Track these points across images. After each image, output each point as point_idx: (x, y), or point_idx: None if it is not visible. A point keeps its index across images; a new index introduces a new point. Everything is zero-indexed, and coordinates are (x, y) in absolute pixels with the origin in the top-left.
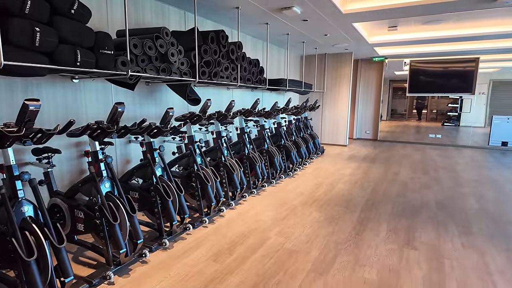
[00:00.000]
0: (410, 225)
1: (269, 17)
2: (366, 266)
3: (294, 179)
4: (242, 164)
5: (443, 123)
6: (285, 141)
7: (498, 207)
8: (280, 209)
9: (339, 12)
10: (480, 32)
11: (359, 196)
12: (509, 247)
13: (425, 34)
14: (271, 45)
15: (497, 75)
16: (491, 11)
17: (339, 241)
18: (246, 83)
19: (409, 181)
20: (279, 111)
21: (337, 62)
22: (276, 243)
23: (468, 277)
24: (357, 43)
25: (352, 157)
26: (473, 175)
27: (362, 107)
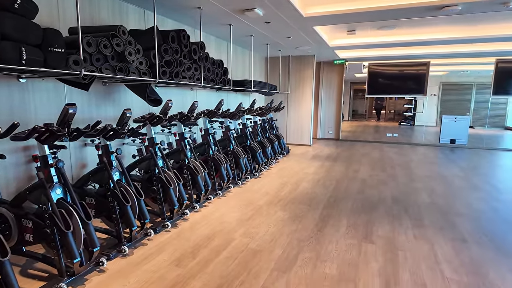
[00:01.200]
0: (368, 220)
1: (232, 18)
2: (327, 262)
3: (260, 179)
4: (207, 165)
5: (400, 123)
6: (251, 142)
7: (447, 201)
8: (245, 210)
9: (300, 15)
10: (430, 38)
11: (322, 194)
12: (456, 237)
13: (381, 38)
14: (236, 46)
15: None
16: (439, 18)
17: (302, 238)
18: (210, 83)
19: (368, 178)
20: (244, 112)
21: (301, 64)
22: (241, 244)
23: (419, 266)
24: (318, 46)
25: (315, 157)
26: (425, 171)
27: (325, 108)
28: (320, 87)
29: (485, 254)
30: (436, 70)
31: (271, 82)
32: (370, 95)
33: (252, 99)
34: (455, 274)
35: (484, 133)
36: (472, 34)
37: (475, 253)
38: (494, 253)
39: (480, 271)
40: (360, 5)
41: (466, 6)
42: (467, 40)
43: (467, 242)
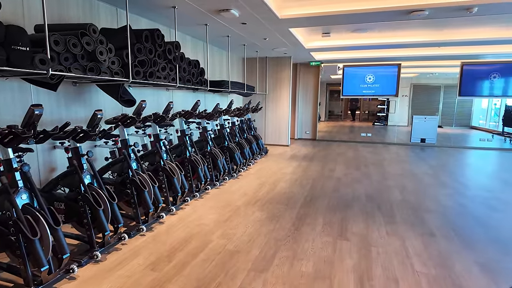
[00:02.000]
0: (343, 218)
1: (207, 18)
2: (304, 260)
3: (238, 180)
4: (184, 167)
5: (374, 123)
6: (229, 143)
7: (417, 198)
8: (223, 211)
9: (276, 17)
10: (401, 41)
11: (299, 193)
12: (425, 232)
13: (355, 41)
14: (212, 46)
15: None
16: (408, 22)
17: (279, 237)
18: (186, 84)
19: (343, 177)
20: (221, 112)
21: (278, 66)
22: (218, 245)
23: (391, 261)
24: (295, 47)
25: (293, 157)
26: (397, 170)
27: (302, 109)
28: (297, 88)
29: (452, 248)
30: (407, 72)
31: (249, 83)
32: (345, 96)
33: (230, 100)
34: (424, 267)
35: (451, 132)
36: (439, 38)
37: (443, 246)
38: (460, 246)
39: (447, 263)
40: (333, 8)
41: (432, 11)
42: (435, 44)
43: (436, 236)
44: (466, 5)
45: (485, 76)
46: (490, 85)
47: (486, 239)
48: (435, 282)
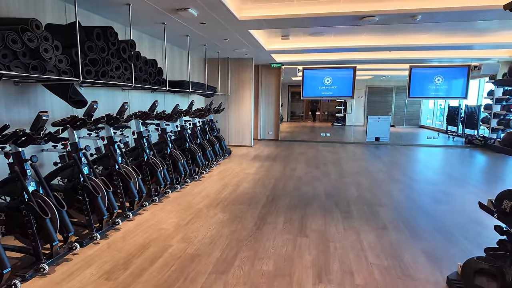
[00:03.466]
0: (303, 215)
1: (165, 17)
2: (264, 259)
3: (200, 182)
4: (141, 171)
5: (333, 123)
6: (190, 144)
7: (372, 193)
8: (184, 214)
9: (235, 18)
10: (355, 45)
11: (261, 193)
12: (378, 226)
13: (312, 44)
14: (172, 46)
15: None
16: (362, 27)
17: (241, 238)
18: (143, 84)
19: (303, 175)
20: (182, 113)
21: (239, 67)
22: (178, 249)
23: (347, 255)
24: (255, 49)
25: (256, 157)
26: (354, 167)
27: (265, 110)
28: (259, 90)
29: (402, 239)
30: (362, 75)
31: (211, 83)
32: (305, 97)
33: (190, 101)
34: (377, 259)
35: (402, 131)
36: (389, 43)
37: (394, 238)
38: (409, 237)
39: (397, 254)
40: (291, 12)
41: (382, 17)
42: (386, 48)
43: (388, 229)
44: (411, 12)
45: (431, 79)
46: (435, 87)
47: (431, 229)
48: (387, 272)
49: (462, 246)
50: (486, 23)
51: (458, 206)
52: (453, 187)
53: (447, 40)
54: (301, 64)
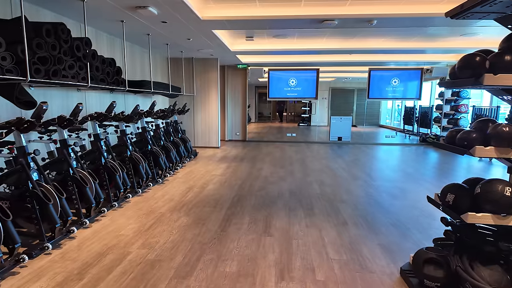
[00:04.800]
0: (268, 214)
1: (123, 14)
2: (228, 260)
3: (163, 186)
4: (99, 175)
5: (299, 124)
6: (152, 147)
7: (333, 190)
8: (145, 219)
9: (198, 18)
10: (317, 48)
11: (227, 195)
12: (339, 222)
13: (276, 46)
14: (133, 44)
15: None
16: (323, 31)
17: (204, 241)
18: (100, 84)
19: (269, 175)
20: (143, 114)
21: (205, 67)
22: (138, 256)
23: (309, 252)
24: (220, 50)
25: (223, 158)
26: (317, 166)
27: (232, 111)
28: (226, 90)
29: (361, 234)
30: (325, 77)
31: (175, 84)
32: (271, 98)
33: (153, 101)
34: (337, 254)
35: (363, 131)
36: (350, 46)
37: (353, 233)
38: (367, 231)
39: (356, 248)
40: (253, 13)
41: (341, 21)
42: (346, 51)
43: (348, 225)
44: (367, 17)
45: (388, 80)
46: (392, 88)
47: (388, 224)
48: (346, 266)
49: (415, 238)
50: (436, 29)
51: (412, 201)
52: (408, 183)
53: (402, 44)
54: (267, 66)
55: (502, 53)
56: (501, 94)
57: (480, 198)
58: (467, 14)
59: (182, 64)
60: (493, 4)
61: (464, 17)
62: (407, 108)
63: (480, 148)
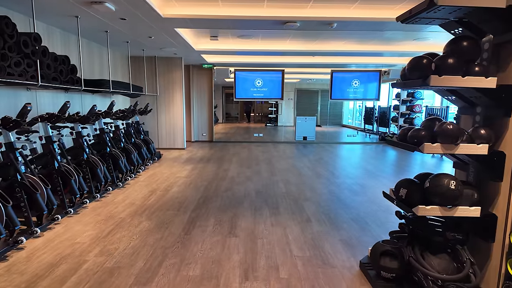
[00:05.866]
0: (234, 215)
1: (77, 9)
2: (192, 264)
3: (124, 190)
4: (51, 180)
5: (266, 124)
6: (111, 149)
7: (298, 189)
8: (104, 226)
9: (159, 15)
10: (282, 49)
11: (192, 197)
12: (303, 220)
13: (241, 46)
14: (90, 42)
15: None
16: (287, 33)
17: (167, 245)
18: (52, 82)
19: (236, 176)
20: (100, 115)
21: (168, 66)
22: (95, 264)
23: (273, 250)
24: (184, 49)
25: (189, 160)
26: (283, 165)
27: (198, 111)
28: (191, 90)
29: (323, 230)
30: (290, 78)
31: (137, 83)
32: (238, 99)
33: (112, 101)
34: (300, 251)
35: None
36: (313, 48)
37: (316, 230)
38: (329, 228)
39: (319, 244)
40: (216, 13)
41: (303, 23)
42: (310, 53)
43: (311, 222)
44: (327, 20)
45: (349, 82)
46: (353, 90)
47: (349, 219)
48: (309, 262)
49: (374, 232)
50: (392, 34)
51: (371, 196)
52: (368, 180)
53: (361, 47)
54: (232, 66)
55: (446, 56)
56: (446, 95)
57: (429, 192)
58: (415, 19)
59: (144, 63)
60: (437, 10)
61: (413, 22)
62: (367, 109)
63: (428, 145)
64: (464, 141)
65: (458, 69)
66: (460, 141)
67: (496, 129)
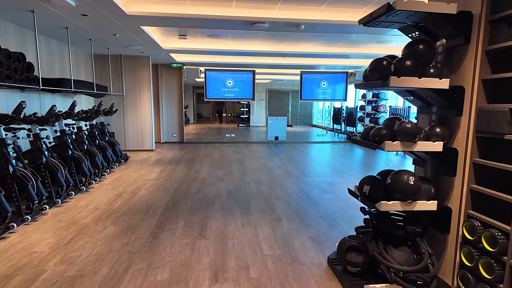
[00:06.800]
0: (204, 217)
1: (33, 3)
2: (160, 268)
3: (88, 194)
4: (5, 186)
5: (238, 124)
6: (73, 151)
7: (269, 188)
8: (65, 232)
9: (123, 12)
10: (252, 50)
11: (161, 199)
12: (274, 219)
13: (211, 46)
14: (50, 39)
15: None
16: (257, 33)
17: (134, 250)
18: (5, 81)
19: (207, 177)
20: (60, 116)
21: (135, 65)
22: (55, 274)
23: (244, 250)
24: (152, 47)
25: (158, 161)
26: (255, 165)
27: (167, 111)
28: (160, 90)
29: (293, 228)
30: (262, 78)
31: (102, 82)
32: (209, 99)
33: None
34: (271, 250)
35: (297, 130)
36: (282, 49)
37: (286, 228)
38: (299, 225)
39: (288, 242)
40: (183, 11)
41: (271, 24)
42: (279, 54)
43: (281, 220)
44: (295, 22)
45: (318, 83)
46: (322, 90)
47: (318, 217)
48: (279, 261)
49: (341, 228)
50: (357, 36)
51: (339, 193)
52: (336, 178)
53: (329, 49)
54: (203, 65)
55: (404, 58)
56: (405, 95)
57: (390, 188)
58: (376, 22)
59: (109, 62)
60: (395, 14)
61: (374, 25)
62: (335, 109)
63: (389, 143)
64: (421, 139)
65: (415, 71)
66: (417, 139)
67: (449, 127)
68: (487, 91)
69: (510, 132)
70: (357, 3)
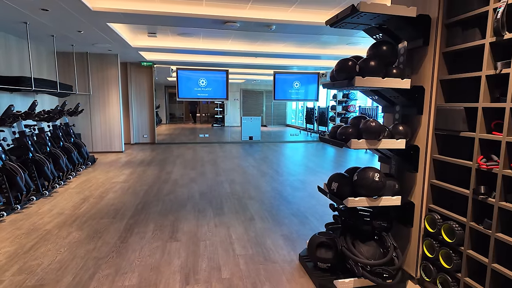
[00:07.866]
0: (176, 219)
1: None
2: (128, 273)
3: (51, 198)
4: None
5: (213, 125)
6: (34, 154)
7: (242, 188)
8: (25, 240)
9: (87, 8)
10: (225, 49)
11: (130, 202)
12: (246, 218)
13: (182, 44)
14: (7, 34)
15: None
16: (229, 33)
17: (100, 256)
18: None
19: (179, 178)
20: (19, 116)
21: (102, 63)
22: (13, 284)
23: (216, 251)
24: (120, 45)
25: (128, 163)
26: (229, 165)
27: (137, 112)
28: (129, 90)
29: (266, 227)
30: (235, 78)
31: (66, 81)
32: (181, 98)
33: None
34: (243, 249)
35: (272, 130)
36: (254, 49)
37: (259, 227)
38: (272, 224)
39: (261, 241)
40: (152, 8)
41: (243, 24)
42: (252, 54)
43: (254, 220)
44: (266, 22)
45: (291, 83)
46: (295, 91)
47: (290, 215)
48: (251, 260)
49: (313, 225)
50: (327, 38)
51: (311, 191)
52: (308, 176)
53: (301, 50)
54: (174, 64)
55: (369, 59)
56: (371, 95)
57: (356, 185)
58: (342, 24)
59: (74, 59)
60: (360, 16)
61: (340, 26)
62: (308, 109)
63: (355, 141)
64: (385, 136)
65: (379, 71)
66: (382, 137)
67: (411, 125)
68: (445, 91)
69: (465, 129)
70: (327, 5)
